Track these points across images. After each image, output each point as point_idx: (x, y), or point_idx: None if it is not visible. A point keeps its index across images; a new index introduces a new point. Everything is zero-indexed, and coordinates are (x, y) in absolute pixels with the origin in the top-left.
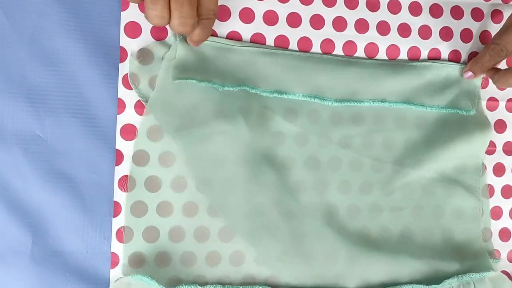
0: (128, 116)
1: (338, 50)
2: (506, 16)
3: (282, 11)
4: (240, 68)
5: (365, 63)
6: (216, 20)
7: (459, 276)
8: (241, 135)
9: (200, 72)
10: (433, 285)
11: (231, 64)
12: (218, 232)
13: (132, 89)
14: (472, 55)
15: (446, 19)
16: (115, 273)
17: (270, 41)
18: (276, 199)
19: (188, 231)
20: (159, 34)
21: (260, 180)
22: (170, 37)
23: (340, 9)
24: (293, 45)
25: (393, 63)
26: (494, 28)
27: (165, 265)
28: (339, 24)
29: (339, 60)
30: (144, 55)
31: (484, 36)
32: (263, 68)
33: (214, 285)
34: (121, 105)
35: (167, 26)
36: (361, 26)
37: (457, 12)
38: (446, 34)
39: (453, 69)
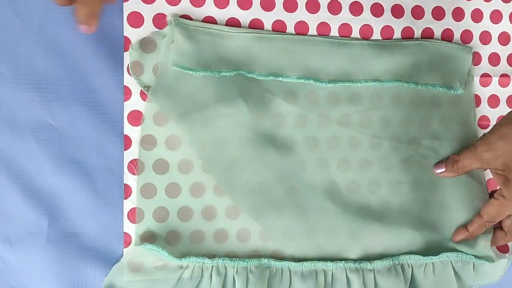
0: (135, 102)
1: (334, 33)
2: None
3: None
4: (236, 54)
5: (357, 44)
6: (215, 7)
7: (460, 253)
8: (243, 117)
9: (197, 58)
10: (430, 256)
11: (227, 50)
12: (224, 210)
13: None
14: (464, 34)
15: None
16: (128, 251)
17: (268, 26)
18: (279, 177)
19: (196, 210)
20: (160, 23)
21: (264, 159)
22: (167, 27)
23: None
24: (290, 29)
25: (384, 43)
26: (485, 7)
27: (175, 242)
28: (334, 7)
29: (332, 42)
30: (146, 44)
31: (475, 14)
32: (258, 52)
33: (222, 258)
34: (127, 92)
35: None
36: (356, 8)
37: None
38: (438, 13)
39: (444, 48)
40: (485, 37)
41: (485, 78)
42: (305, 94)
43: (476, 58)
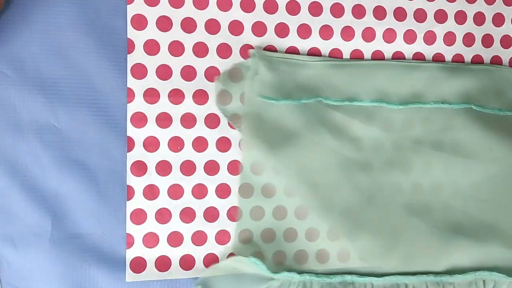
0: (138, 104)
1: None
2: None
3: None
4: (313, 81)
5: (428, 67)
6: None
7: None
8: (328, 143)
9: (279, 87)
10: None
11: (306, 78)
12: (305, 232)
13: (141, 79)
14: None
15: (441, 2)
16: (131, 252)
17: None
18: (366, 197)
19: (300, 231)
20: (164, 25)
21: (350, 182)
22: (251, 59)
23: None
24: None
25: (453, 66)
26: (487, 10)
27: (281, 260)
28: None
29: (404, 66)
30: (233, 73)
31: (477, 17)
32: (333, 79)
33: (309, 274)
34: (130, 94)
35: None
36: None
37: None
38: (440, 16)
39: (509, 73)
40: (488, 40)
41: None
42: (380, 118)
43: (479, 59)
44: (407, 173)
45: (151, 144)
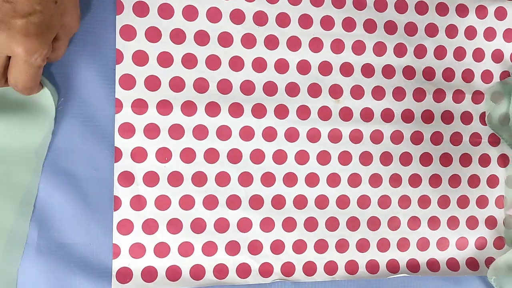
0: (126, 115)
1: (327, 47)
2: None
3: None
4: None
5: None
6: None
7: None
8: None
9: None
10: None
11: None
12: None
13: (129, 90)
14: (457, 51)
15: (432, 16)
16: (117, 263)
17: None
18: None
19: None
20: (153, 36)
21: None
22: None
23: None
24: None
25: None
26: (478, 24)
27: None
28: (328, 23)
29: None
30: (496, 96)
31: (469, 31)
32: None
33: None
34: (118, 105)
35: None
36: (348, 24)
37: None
38: (431, 30)
39: None
40: (479, 54)
41: (478, 95)
42: None
43: (469, 75)
44: None
45: (139, 154)
